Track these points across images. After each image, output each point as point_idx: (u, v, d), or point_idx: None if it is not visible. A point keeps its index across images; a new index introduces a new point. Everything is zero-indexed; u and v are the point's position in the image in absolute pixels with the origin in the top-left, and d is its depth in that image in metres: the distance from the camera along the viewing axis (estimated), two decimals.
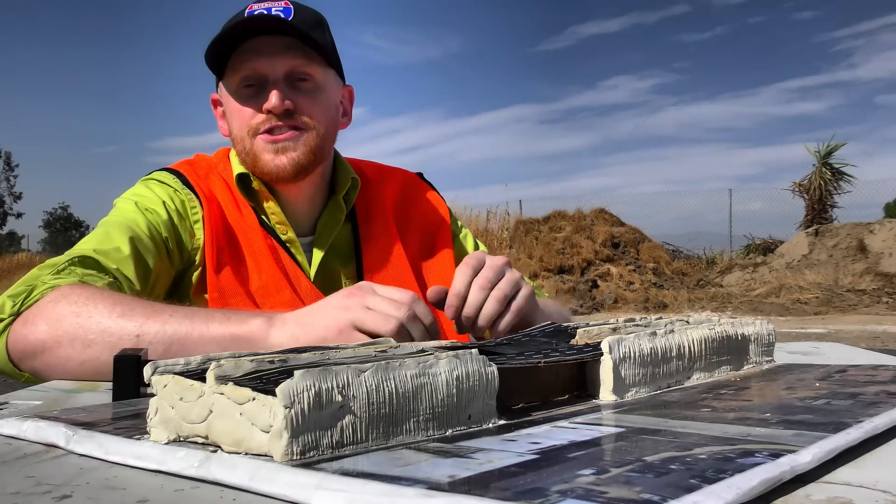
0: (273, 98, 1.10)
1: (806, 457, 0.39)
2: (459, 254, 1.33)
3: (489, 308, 0.92)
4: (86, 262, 1.00)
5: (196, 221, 1.14)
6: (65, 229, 39.70)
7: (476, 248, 1.37)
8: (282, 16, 1.10)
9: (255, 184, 1.17)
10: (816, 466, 0.40)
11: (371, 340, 0.82)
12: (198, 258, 1.13)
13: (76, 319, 0.87)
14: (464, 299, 0.92)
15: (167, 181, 1.16)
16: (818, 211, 13.38)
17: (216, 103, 1.23)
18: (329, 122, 1.18)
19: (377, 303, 0.82)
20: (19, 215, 37.46)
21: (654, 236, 12.79)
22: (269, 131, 1.12)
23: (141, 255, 1.05)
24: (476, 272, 0.94)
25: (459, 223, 1.38)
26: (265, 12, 1.11)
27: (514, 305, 0.94)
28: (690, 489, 0.33)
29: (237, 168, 1.18)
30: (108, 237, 1.05)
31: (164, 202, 1.13)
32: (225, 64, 1.13)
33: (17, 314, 0.91)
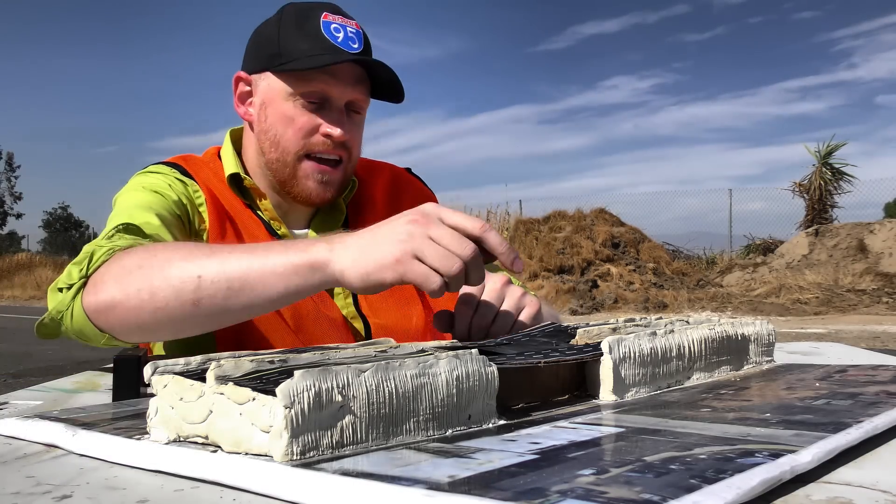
0: (338, 130, 1.12)
1: (806, 457, 0.39)
2: None
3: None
4: (129, 229, 1.00)
5: (200, 204, 1.14)
6: (65, 229, 39.73)
7: None
8: (356, 43, 1.12)
9: (248, 182, 1.17)
10: (816, 466, 0.40)
11: (371, 341, 0.82)
12: (204, 241, 1.13)
13: (140, 271, 0.86)
14: (467, 338, 0.92)
15: (166, 171, 1.16)
16: (818, 211, 13.37)
17: (245, 82, 1.20)
18: (359, 153, 1.21)
19: (442, 235, 0.76)
20: (19, 215, 37.50)
21: (654, 236, 12.79)
22: (321, 159, 1.13)
23: (170, 227, 1.05)
24: (475, 307, 0.93)
25: None
26: (342, 31, 1.12)
27: (515, 330, 0.94)
28: (690, 489, 0.33)
29: (229, 168, 1.18)
30: (133, 218, 1.03)
31: (169, 185, 1.13)
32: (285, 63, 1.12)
33: (86, 277, 0.91)
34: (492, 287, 0.93)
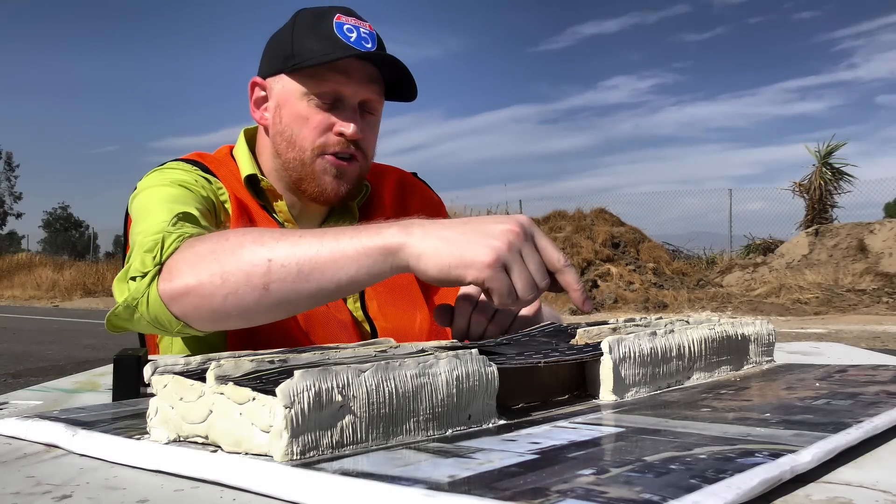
0: (352, 127, 1.11)
1: (806, 457, 0.39)
2: None
3: (490, 335, 0.92)
4: (189, 217, 0.99)
5: (225, 201, 1.14)
6: (65, 229, 39.74)
7: None
8: (369, 42, 1.12)
9: (265, 183, 1.18)
10: (816, 466, 0.40)
11: (371, 341, 0.82)
12: None
13: (213, 256, 0.85)
14: (465, 333, 0.92)
15: (187, 168, 1.16)
16: (818, 211, 13.37)
17: (260, 87, 1.20)
18: (374, 154, 1.20)
19: (531, 257, 0.75)
20: (19, 215, 37.52)
21: (654, 236, 12.80)
22: (335, 154, 1.13)
23: (208, 220, 1.05)
24: (475, 302, 0.92)
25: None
26: (355, 32, 1.11)
27: (514, 328, 0.94)
28: (690, 489, 0.33)
29: (245, 169, 1.18)
30: (172, 211, 1.00)
31: (195, 180, 1.12)
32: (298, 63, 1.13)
33: (160, 263, 0.89)
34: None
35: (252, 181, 1.18)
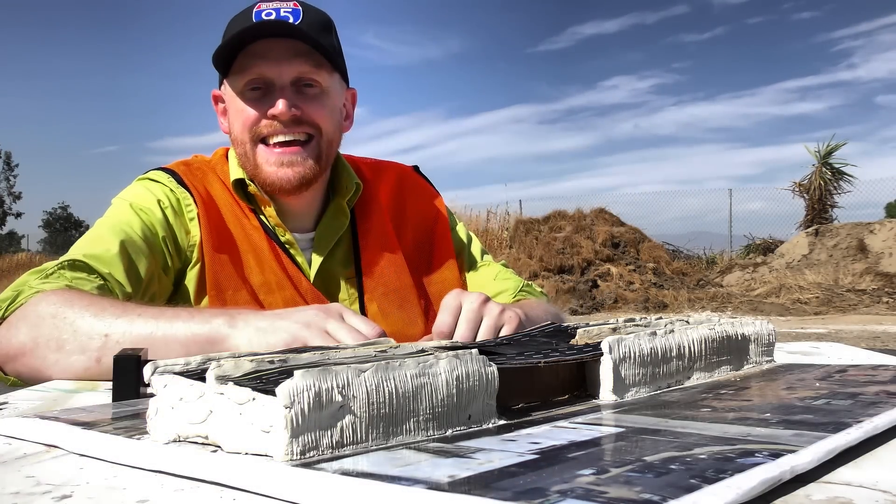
0: (280, 105, 1.09)
1: (806, 457, 0.39)
2: (457, 248, 1.33)
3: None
4: (76, 265, 1.01)
5: (192, 219, 1.14)
6: (64, 229, 39.73)
7: (470, 242, 1.37)
8: (291, 19, 1.10)
9: (252, 188, 1.17)
10: (816, 466, 0.40)
11: (371, 341, 0.82)
12: (195, 255, 1.13)
13: (53, 321, 0.88)
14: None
15: (162, 180, 1.17)
16: (818, 211, 13.36)
17: (218, 100, 1.22)
18: (334, 127, 1.18)
19: (338, 329, 0.81)
20: (19, 215, 37.49)
21: (654, 236, 12.79)
22: (273, 142, 1.12)
23: (132, 258, 1.05)
24: (453, 325, 0.90)
25: (455, 218, 1.39)
26: (274, 13, 1.10)
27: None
28: (690, 489, 0.33)
29: (234, 173, 1.18)
30: (100, 239, 1.06)
31: (158, 200, 1.13)
32: (231, 62, 1.13)
33: (2, 319, 0.92)
34: (469, 308, 0.90)
35: (240, 185, 1.17)
